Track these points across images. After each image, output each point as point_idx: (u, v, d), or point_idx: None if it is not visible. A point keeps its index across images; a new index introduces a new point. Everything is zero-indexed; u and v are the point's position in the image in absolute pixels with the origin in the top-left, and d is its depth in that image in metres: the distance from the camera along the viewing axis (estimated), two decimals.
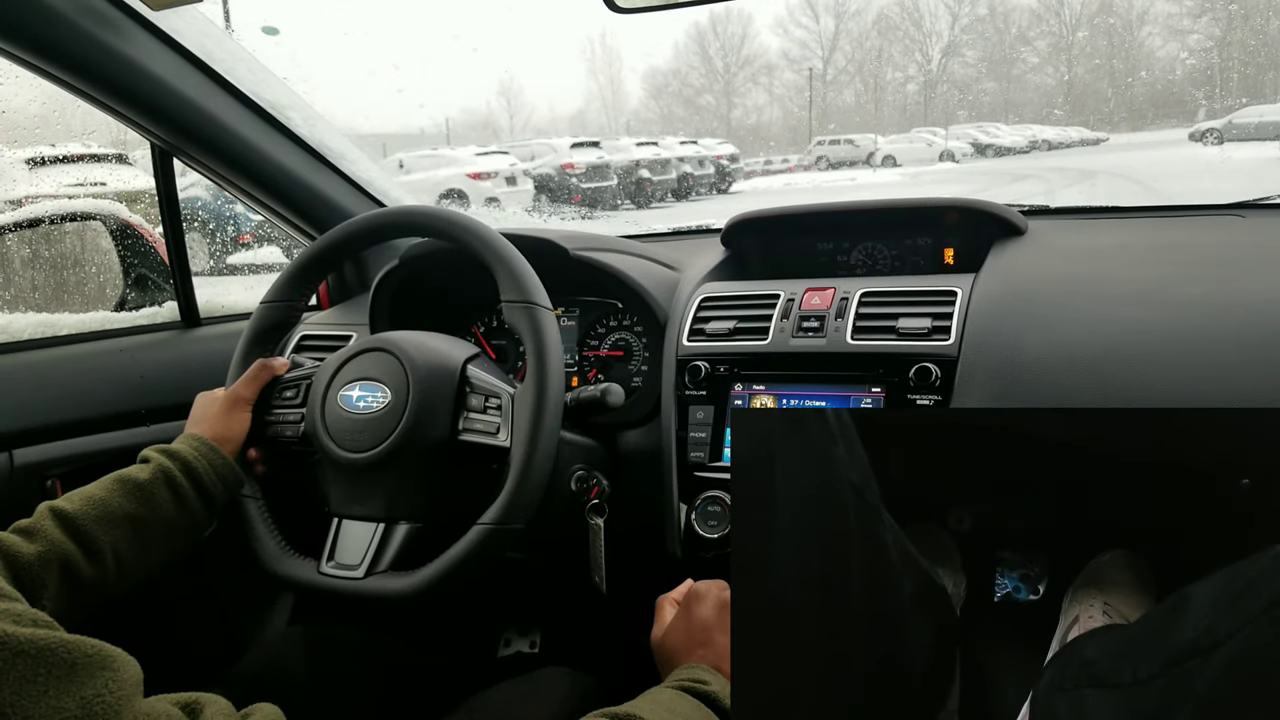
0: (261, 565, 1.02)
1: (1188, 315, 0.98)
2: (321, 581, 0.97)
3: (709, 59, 32.62)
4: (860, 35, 31.13)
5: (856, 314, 1.10)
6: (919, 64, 29.04)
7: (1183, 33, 20.29)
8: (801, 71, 31.72)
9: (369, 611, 0.97)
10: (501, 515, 0.91)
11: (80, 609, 0.85)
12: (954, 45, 27.94)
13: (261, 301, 1.12)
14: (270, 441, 1.06)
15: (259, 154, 1.33)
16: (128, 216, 1.46)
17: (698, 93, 33.66)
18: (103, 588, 0.86)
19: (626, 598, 1.16)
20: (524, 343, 0.96)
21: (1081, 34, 24.47)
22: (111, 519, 0.86)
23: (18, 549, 0.79)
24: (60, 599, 0.81)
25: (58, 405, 1.24)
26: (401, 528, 0.96)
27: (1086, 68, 24.51)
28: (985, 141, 15.56)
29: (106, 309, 1.45)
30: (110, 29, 1.12)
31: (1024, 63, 26.48)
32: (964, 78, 27.94)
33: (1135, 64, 22.68)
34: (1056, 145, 16.23)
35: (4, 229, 1.43)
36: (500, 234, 1.03)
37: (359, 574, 0.95)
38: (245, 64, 1.30)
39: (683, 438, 1.15)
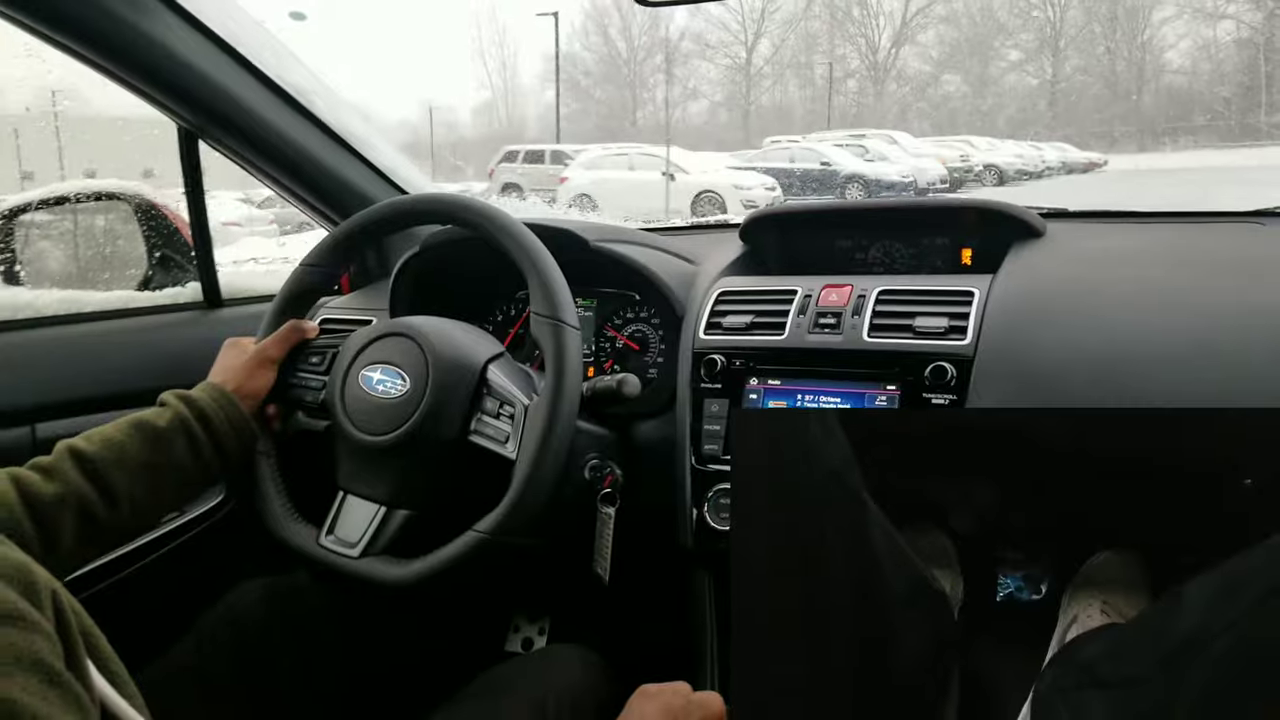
0: (265, 523, 1.04)
1: (1206, 321, 0.98)
2: (318, 553, 0.99)
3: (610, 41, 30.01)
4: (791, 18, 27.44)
5: (873, 312, 1.11)
6: (862, 54, 26.64)
7: (1213, 17, 18.29)
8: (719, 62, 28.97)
9: (368, 593, 0.99)
10: (496, 528, 0.92)
11: (94, 550, 0.87)
12: (907, 31, 25.54)
13: (302, 263, 1.14)
14: (290, 403, 1.08)
15: (283, 137, 1.34)
16: (152, 196, 1.47)
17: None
18: (117, 530, 0.88)
19: (636, 587, 1.17)
20: (545, 358, 0.97)
21: (1072, 13, 22.18)
22: (128, 464, 0.88)
23: (37, 487, 0.81)
24: (76, 539, 0.83)
25: (81, 381, 1.26)
26: (401, 514, 0.98)
27: (1077, 66, 22.25)
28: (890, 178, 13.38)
29: (130, 288, 1.46)
30: (138, 9, 1.13)
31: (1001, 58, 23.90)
32: (918, 74, 25.63)
33: (1144, 60, 20.38)
34: (1017, 176, 15.00)
35: (31, 206, 1.45)
36: (525, 225, 1.03)
37: (355, 553, 0.97)
38: (271, 48, 1.31)
39: (697, 430, 1.15)
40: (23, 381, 1.21)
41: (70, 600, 0.52)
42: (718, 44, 30.14)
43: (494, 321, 1.45)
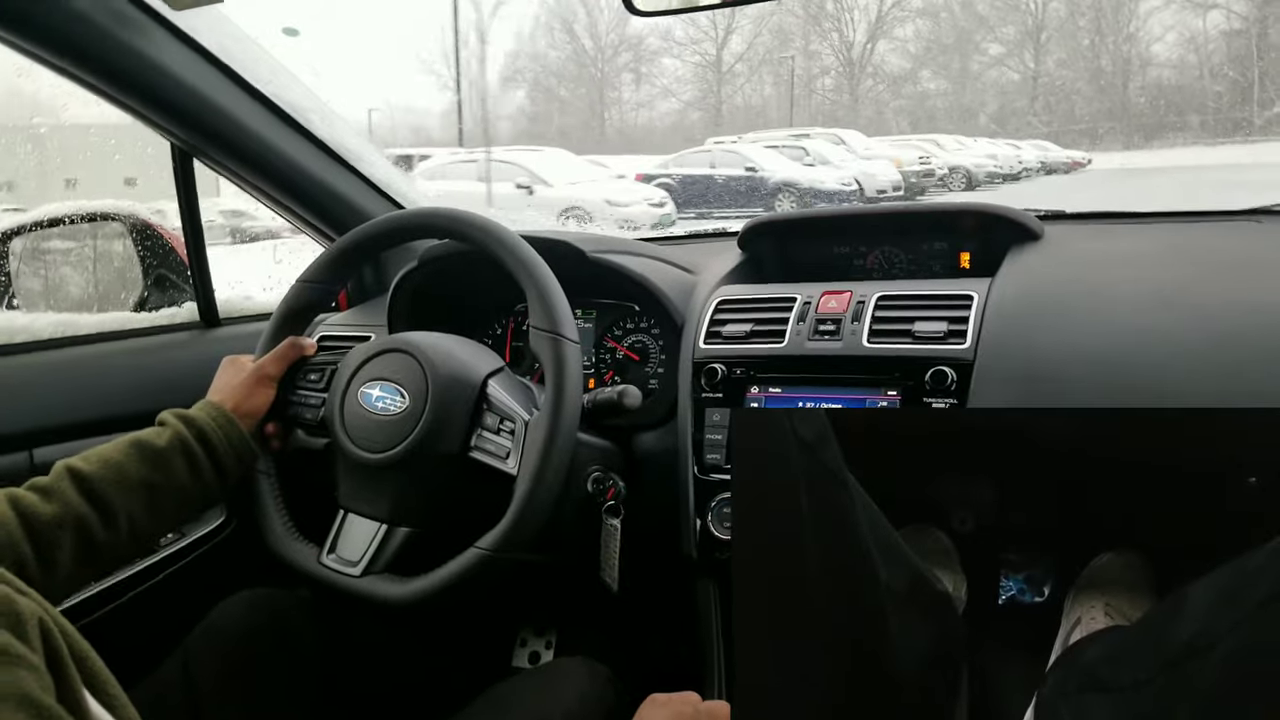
0: (265, 542, 1.04)
1: (1205, 320, 0.98)
2: (319, 572, 0.98)
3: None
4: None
5: (873, 317, 1.11)
6: (836, 50, 25.30)
7: (1202, 7, 17.51)
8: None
9: (368, 611, 0.98)
10: (498, 544, 0.92)
11: (93, 570, 0.86)
12: (883, 25, 24.34)
13: (299, 279, 1.13)
14: (289, 421, 1.08)
15: (279, 155, 1.34)
16: (147, 217, 1.47)
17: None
18: (115, 550, 0.87)
19: (642, 599, 1.16)
20: (545, 372, 0.97)
21: (1054, 3, 20.72)
22: (127, 484, 0.87)
23: (35, 509, 0.80)
24: (75, 560, 0.82)
25: (77, 404, 1.25)
26: (402, 531, 0.97)
27: (1060, 60, 20.88)
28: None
29: (126, 309, 1.46)
30: (132, 28, 1.13)
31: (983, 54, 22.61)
32: (897, 70, 24.38)
33: (1130, 54, 19.02)
34: (988, 179, 13.08)
35: (25, 229, 1.44)
36: (521, 237, 1.03)
37: (356, 571, 0.96)
38: (266, 65, 1.30)
39: (699, 440, 1.15)
40: (19, 406, 1.21)
41: (61, 625, 0.51)
42: (687, 40, 28.55)
43: (493, 335, 1.45)
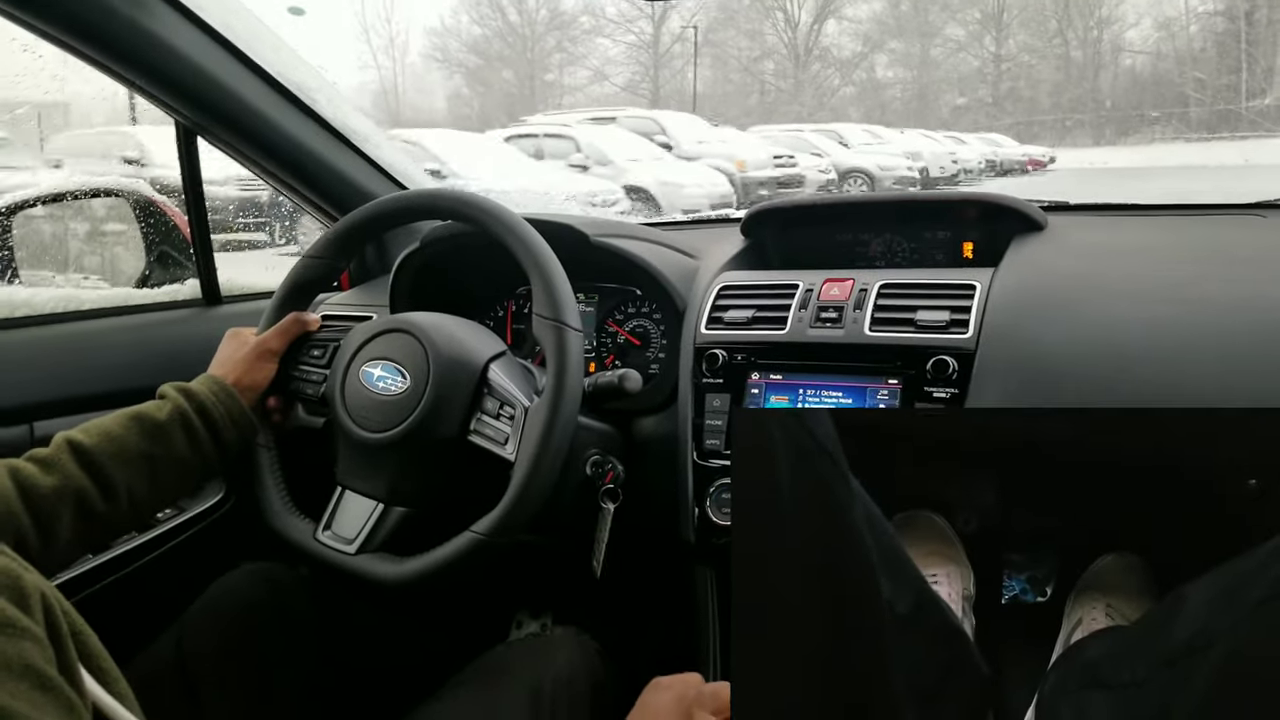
0: (262, 517, 1.04)
1: (1207, 314, 0.98)
2: (315, 548, 0.99)
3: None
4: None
5: (875, 305, 1.11)
6: (779, 31, 22.52)
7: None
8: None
9: (364, 590, 0.99)
10: (493, 529, 0.92)
11: (92, 541, 0.87)
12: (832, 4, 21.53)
13: (305, 255, 1.13)
14: (290, 396, 1.08)
15: (283, 134, 1.34)
16: (151, 194, 1.47)
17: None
18: (114, 522, 0.88)
19: (638, 583, 1.17)
20: (546, 359, 0.97)
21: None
22: (127, 456, 0.88)
23: (35, 480, 0.81)
24: (74, 532, 0.83)
25: (79, 379, 1.26)
26: (399, 511, 0.98)
27: (1024, 44, 17.85)
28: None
29: (128, 285, 1.46)
30: (137, 5, 1.12)
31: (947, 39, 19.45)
32: (851, 54, 21.56)
33: (1100, 39, 15.88)
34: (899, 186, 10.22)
35: (30, 203, 1.44)
36: (526, 220, 1.03)
37: (351, 549, 0.96)
38: (270, 44, 1.30)
39: (699, 425, 1.15)
40: (20, 379, 1.21)
41: (60, 601, 0.51)
42: (619, 18, 25.51)
43: (494, 317, 1.45)
